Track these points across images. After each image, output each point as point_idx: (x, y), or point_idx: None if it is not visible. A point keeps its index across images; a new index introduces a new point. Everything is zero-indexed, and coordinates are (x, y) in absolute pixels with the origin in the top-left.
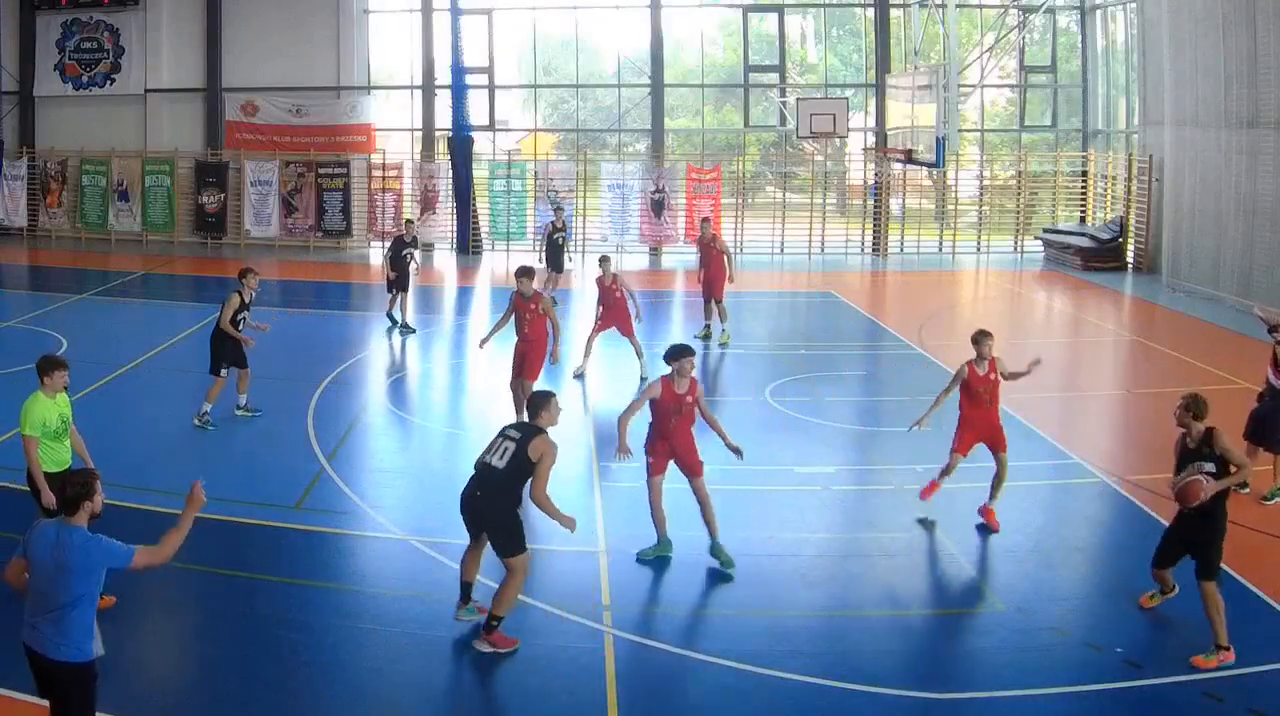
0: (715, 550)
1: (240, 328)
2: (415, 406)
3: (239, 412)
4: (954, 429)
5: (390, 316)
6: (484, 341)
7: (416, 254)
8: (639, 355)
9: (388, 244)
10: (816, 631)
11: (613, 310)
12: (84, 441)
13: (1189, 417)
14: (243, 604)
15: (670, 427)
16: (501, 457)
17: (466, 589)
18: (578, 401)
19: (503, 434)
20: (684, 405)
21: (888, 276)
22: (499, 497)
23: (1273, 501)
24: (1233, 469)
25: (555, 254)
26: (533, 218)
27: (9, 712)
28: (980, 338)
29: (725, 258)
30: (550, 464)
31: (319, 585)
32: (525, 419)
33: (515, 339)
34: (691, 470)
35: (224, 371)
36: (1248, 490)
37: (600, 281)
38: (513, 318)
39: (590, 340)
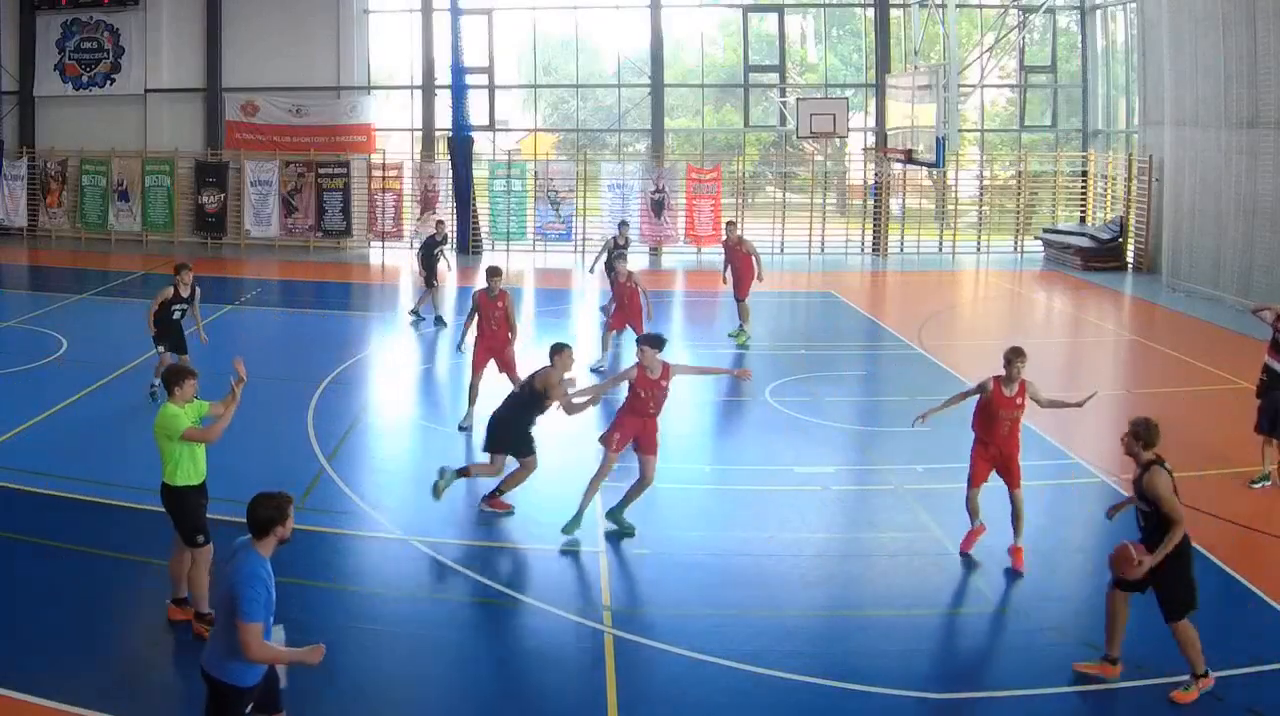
0: (616, 515)
1: (181, 321)
2: (415, 406)
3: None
4: (960, 443)
5: (415, 311)
6: (460, 345)
7: (448, 252)
8: None
9: (418, 243)
10: (816, 631)
11: (626, 306)
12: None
13: (1138, 446)
14: None
15: (649, 410)
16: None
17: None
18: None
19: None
20: (659, 389)
21: (888, 276)
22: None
23: (1258, 486)
24: (1169, 523)
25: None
26: (532, 218)
27: (9, 712)
28: (1013, 356)
29: (754, 258)
30: (559, 378)
31: (319, 585)
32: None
33: (480, 336)
34: (650, 449)
35: (160, 348)
36: (1267, 483)
37: (614, 276)
38: (477, 316)
39: (606, 337)
